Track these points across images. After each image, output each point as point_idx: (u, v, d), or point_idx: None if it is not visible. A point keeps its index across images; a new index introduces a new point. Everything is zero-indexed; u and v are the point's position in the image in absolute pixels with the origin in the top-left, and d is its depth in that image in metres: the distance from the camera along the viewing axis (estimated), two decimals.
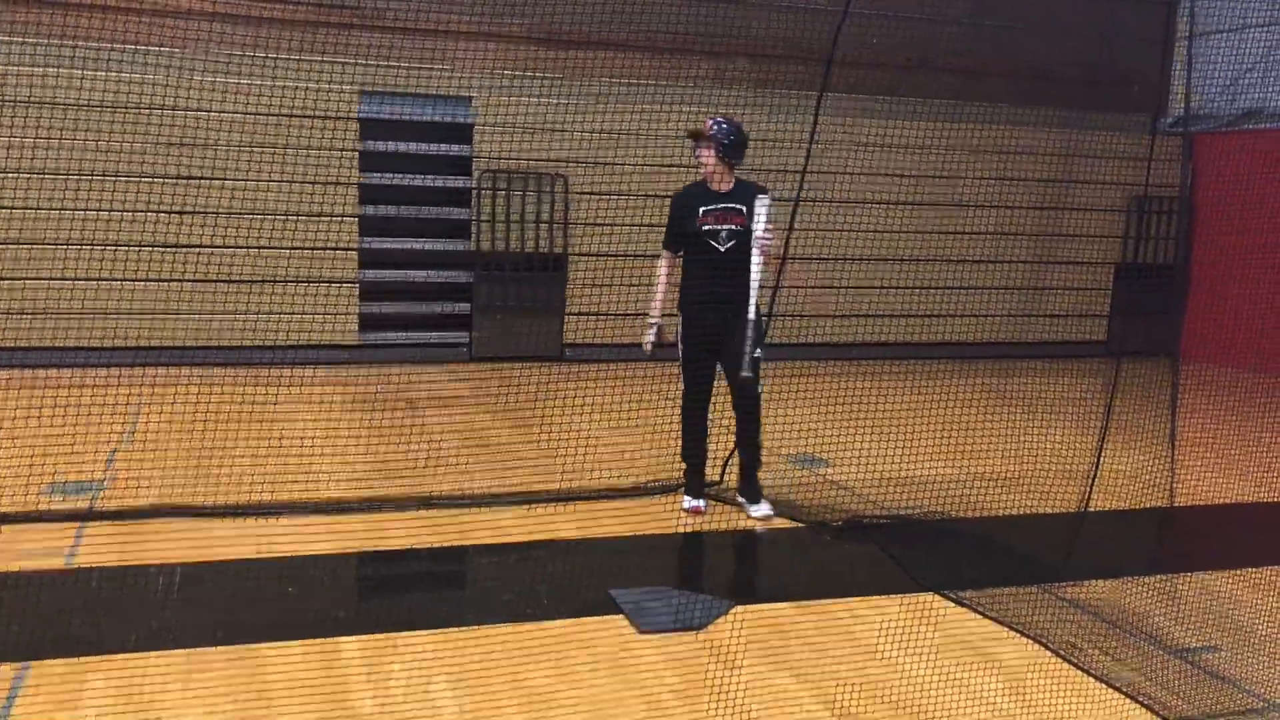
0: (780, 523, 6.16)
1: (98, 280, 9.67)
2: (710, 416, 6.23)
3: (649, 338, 6.07)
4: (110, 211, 9.44)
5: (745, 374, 5.76)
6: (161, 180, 9.76)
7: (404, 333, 10.98)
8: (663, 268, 6.13)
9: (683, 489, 6.39)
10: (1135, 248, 13.28)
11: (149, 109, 9.23)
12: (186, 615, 4.62)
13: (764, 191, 5.97)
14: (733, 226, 5.95)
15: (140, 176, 9.51)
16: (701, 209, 5.97)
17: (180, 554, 5.11)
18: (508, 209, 11.05)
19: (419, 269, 10.98)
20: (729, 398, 6.16)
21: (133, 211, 9.55)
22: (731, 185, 6.03)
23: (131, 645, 4.19)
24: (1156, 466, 6.17)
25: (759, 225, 5.86)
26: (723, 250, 5.94)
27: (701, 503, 6.28)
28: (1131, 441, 6.61)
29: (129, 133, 9.29)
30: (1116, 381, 5.73)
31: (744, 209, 5.95)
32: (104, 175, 9.18)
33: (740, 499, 6.32)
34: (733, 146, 5.96)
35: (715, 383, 6.16)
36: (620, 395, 6.50)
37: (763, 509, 6.20)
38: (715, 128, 5.95)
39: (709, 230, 5.95)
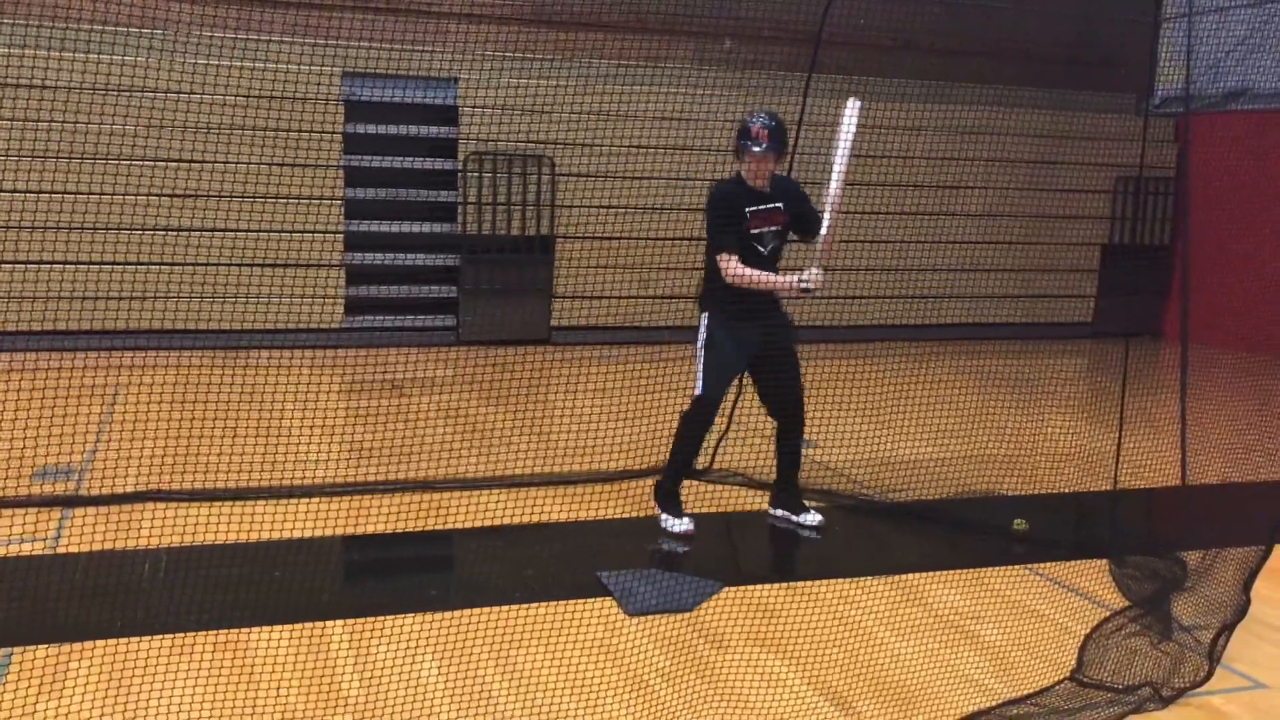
0: (767, 505, 6.15)
1: (78, 263, 9.59)
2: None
3: (814, 273, 5.29)
4: (90, 194, 9.37)
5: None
6: (143, 163, 9.68)
7: (390, 316, 10.94)
8: (743, 268, 5.38)
9: (663, 512, 5.73)
10: (1122, 228, 13.31)
11: (129, 90, 9.14)
12: (171, 600, 4.60)
13: (796, 186, 5.64)
14: (775, 228, 5.51)
15: (121, 159, 9.42)
16: (748, 210, 5.44)
17: (164, 538, 5.08)
18: (494, 191, 11.00)
19: (405, 252, 10.91)
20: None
21: (113, 194, 9.47)
22: (768, 182, 5.52)
23: (116, 630, 4.15)
24: (1143, 446, 6.18)
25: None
26: (765, 253, 5.50)
27: (689, 522, 5.71)
28: (1111, 421, 6.61)
29: (109, 115, 9.21)
30: (1127, 363, 5.73)
31: (782, 206, 5.51)
32: (83, 157, 9.09)
33: (781, 511, 5.90)
34: (784, 142, 5.48)
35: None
36: (607, 378, 6.49)
37: (814, 516, 5.82)
38: (768, 127, 5.37)
39: (755, 234, 5.46)
